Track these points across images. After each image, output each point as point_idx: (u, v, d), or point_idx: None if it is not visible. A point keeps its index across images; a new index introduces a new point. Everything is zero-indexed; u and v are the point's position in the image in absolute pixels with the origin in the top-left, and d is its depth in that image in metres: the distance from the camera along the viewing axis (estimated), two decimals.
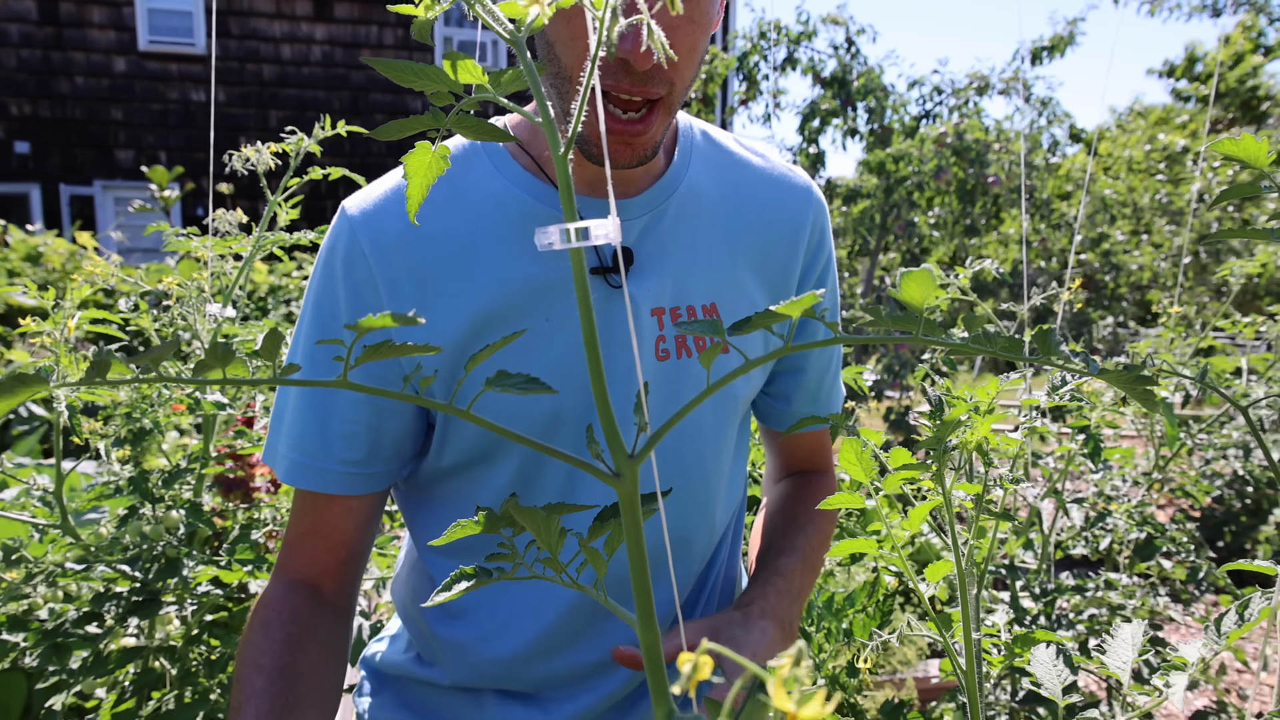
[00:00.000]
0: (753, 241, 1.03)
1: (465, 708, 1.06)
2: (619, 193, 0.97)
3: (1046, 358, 0.47)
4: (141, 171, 12.52)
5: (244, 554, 1.41)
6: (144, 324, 1.34)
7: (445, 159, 0.56)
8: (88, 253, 6.58)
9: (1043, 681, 0.65)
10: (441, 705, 1.08)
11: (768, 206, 1.04)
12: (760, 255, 1.03)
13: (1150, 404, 0.52)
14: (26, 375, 0.45)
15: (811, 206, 1.07)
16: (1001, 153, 5.71)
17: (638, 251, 0.97)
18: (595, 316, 0.91)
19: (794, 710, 0.27)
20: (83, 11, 12.33)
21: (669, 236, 0.99)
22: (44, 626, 1.32)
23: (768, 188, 1.06)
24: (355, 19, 13.38)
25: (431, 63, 9.93)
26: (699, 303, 0.99)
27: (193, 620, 1.55)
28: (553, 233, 0.46)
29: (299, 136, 1.41)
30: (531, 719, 1.02)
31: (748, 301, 1.02)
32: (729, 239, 1.02)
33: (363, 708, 1.16)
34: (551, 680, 1.03)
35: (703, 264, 1.00)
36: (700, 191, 1.01)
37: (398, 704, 1.13)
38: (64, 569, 1.27)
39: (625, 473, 0.48)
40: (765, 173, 1.07)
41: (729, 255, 1.01)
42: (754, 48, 6.79)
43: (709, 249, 1.00)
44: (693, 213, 1.00)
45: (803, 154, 6.65)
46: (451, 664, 1.05)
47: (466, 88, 0.53)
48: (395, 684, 1.15)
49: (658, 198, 0.98)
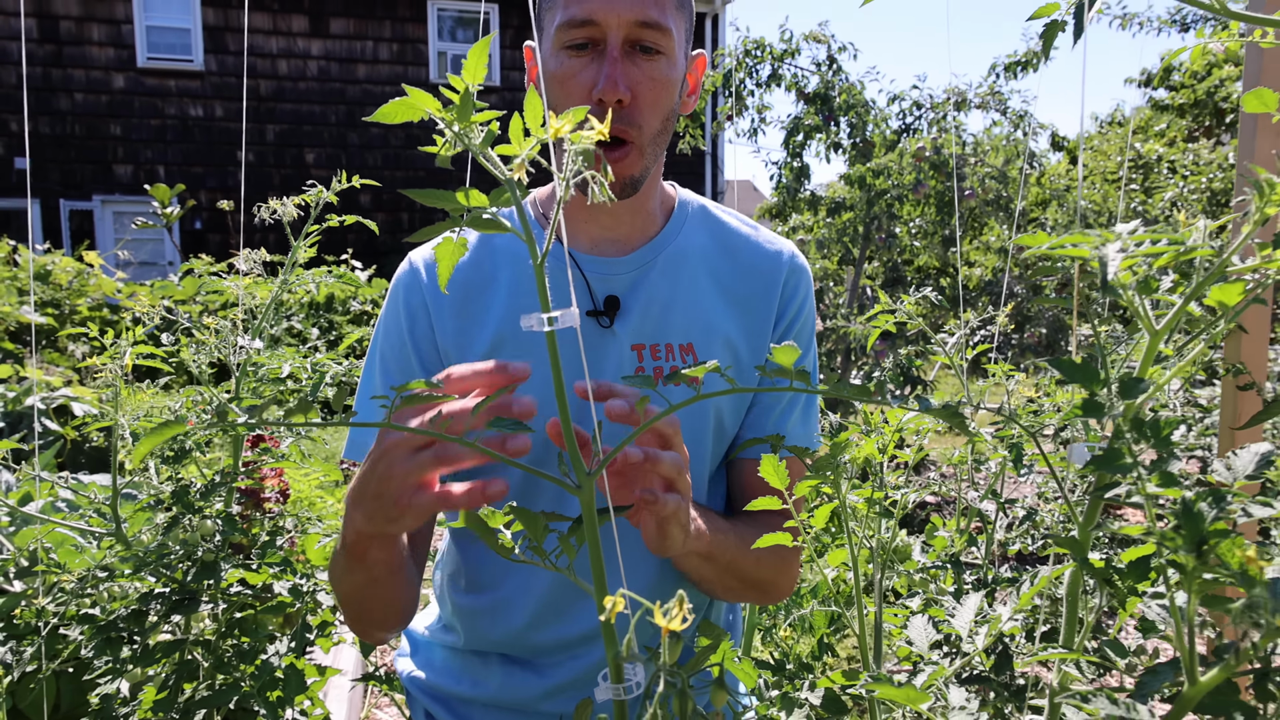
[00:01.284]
0: (728, 294, 1.25)
1: (476, 668, 1.30)
2: (614, 252, 1.22)
3: (879, 399, 0.67)
4: (139, 185, 12.71)
5: (273, 558, 1.60)
6: (185, 356, 1.53)
7: (465, 247, 0.76)
8: (94, 270, 6.76)
9: (914, 639, 0.86)
10: (457, 664, 1.34)
11: (751, 267, 1.27)
12: (735, 306, 1.25)
13: (965, 431, 0.72)
14: (169, 421, 0.64)
15: (784, 267, 1.29)
16: (977, 166, 5.93)
17: (625, 299, 1.21)
18: (587, 351, 1.13)
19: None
20: (83, 29, 12.53)
21: (654, 287, 1.22)
22: (99, 622, 1.51)
23: (751, 251, 1.29)
24: (351, 34, 13.60)
25: (426, 75, 10.13)
26: (676, 341, 1.21)
27: (223, 617, 1.74)
28: (533, 319, 0.66)
29: (319, 189, 1.61)
30: (528, 680, 1.24)
31: (723, 344, 1.23)
32: (708, 292, 1.24)
33: (400, 666, 1.45)
34: (545, 648, 1.24)
35: (683, 310, 1.22)
36: (689, 251, 1.25)
37: (425, 663, 1.40)
38: (120, 571, 1.46)
39: (584, 485, 0.68)
40: (750, 239, 1.30)
41: (707, 304, 1.23)
42: (739, 64, 6.99)
43: (691, 298, 1.23)
44: (678, 268, 1.24)
45: (787, 168, 6.85)
46: (466, 631, 1.29)
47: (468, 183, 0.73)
48: (425, 648, 1.42)
49: (646, 256, 1.23)
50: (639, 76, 1.10)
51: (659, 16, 1.09)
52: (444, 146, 0.73)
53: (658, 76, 1.11)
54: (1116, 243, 0.51)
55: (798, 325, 1.29)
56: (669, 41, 1.11)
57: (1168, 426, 0.58)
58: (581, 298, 1.20)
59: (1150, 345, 0.63)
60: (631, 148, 1.12)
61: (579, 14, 1.08)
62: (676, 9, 1.13)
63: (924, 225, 6.50)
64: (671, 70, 1.13)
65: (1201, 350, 0.65)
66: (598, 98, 1.07)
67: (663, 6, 1.10)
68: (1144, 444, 0.58)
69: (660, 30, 1.09)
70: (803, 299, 1.29)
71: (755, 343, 1.26)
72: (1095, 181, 7.85)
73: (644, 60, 1.10)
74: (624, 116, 1.09)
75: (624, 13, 1.07)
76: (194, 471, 1.67)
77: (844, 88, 6.53)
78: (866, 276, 7.63)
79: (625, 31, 1.08)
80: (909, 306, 1.81)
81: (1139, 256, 0.54)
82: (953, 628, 0.80)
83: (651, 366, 1.20)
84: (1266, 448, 0.63)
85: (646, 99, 1.11)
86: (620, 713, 0.65)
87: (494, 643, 1.27)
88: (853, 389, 0.70)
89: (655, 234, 1.25)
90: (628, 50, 1.10)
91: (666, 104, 1.14)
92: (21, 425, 4.54)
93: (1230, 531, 0.52)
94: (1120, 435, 0.58)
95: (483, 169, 1.21)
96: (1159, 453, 0.59)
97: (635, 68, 1.10)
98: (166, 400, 1.57)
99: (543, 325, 0.65)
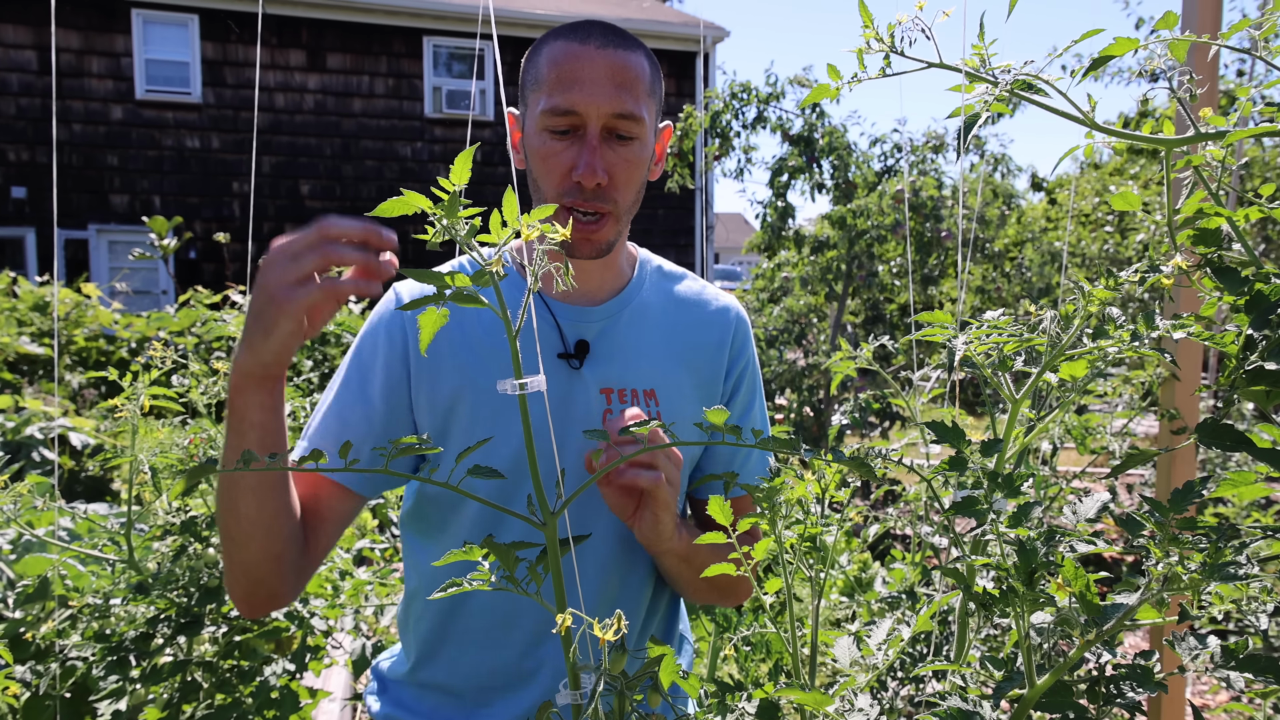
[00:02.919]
0: (685, 345, 1.41)
1: (446, 706, 1.38)
2: (585, 301, 1.37)
3: (794, 450, 0.80)
4: (135, 215, 12.85)
5: None
6: (194, 397, 1.66)
7: (446, 318, 0.89)
8: (91, 301, 6.87)
9: (839, 658, 0.99)
10: (427, 703, 1.40)
11: (699, 321, 1.43)
12: (692, 357, 1.41)
13: (871, 476, 0.85)
14: (202, 465, 0.77)
15: (732, 322, 1.45)
16: (954, 208, 6.12)
17: (594, 345, 1.35)
18: (558, 390, 1.28)
19: None
20: (82, 62, 12.72)
21: (621, 336, 1.36)
22: (111, 643, 1.63)
23: (699, 307, 1.45)
24: (347, 69, 13.82)
25: (420, 110, 10.29)
26: (640, 387, 1.36)
27: (223, 640, 1.86)
28: (507, 384, 0.80)
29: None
30: (499, 714, 1.34)
31: (679, 392, 1.38)
32: (667, 343, 1.39)
33: (371, 706, 1.49)
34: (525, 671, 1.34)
35: (646, 359, 1.37)
36: (649, 306, 1.41)
37: (395, 702, 1.45)
38: (131, 596, 1.58)
39: (549, 522, 0.81)
40: (699, 296, 1.46)
41: (667, 354, 1.39)
42: (725, 106, 7.18)
43: (653, 348, 1.38)
44: (640, 321, 1.39)
45: (771, 207, 7.02)
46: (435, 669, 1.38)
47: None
48: (394, 686, 1.48)
49: (614, 308, 1.38)
50: (614, 160, 1.25)
51: (633, 108, 1.24)
52: (434, 235, 0.87)
53: (631, 159, 1.27)
54: (963, 335, 0.65)
55: (747, 375, 1.46)
56: (641, 128, 1.27)
57: (1019, 479, 0.72)
58: (554, 340, 1.34)
59: (1012, 411, 0.76)
60: (607, 218, 1.28)
61: (563, 104, 1.22)
62: (648, 96, 1.29)
63: (904, 264, 6.68)
64: (643, 151, 1.29)
65: (1058, 413, 0.79)
66: (577, 180, 1.22)
67: (637, 98, 1.25)
68: (999, 493, 0.72)
69: (634, 120, 1.25)
70: (749, 351, 1.46)
71: (709, 392, 1.42)
72: (1071, 223, 8.06)
73: (619, 146, 1.26)
74: (601, 195, 1.25)
75: (603, 105, 1.22)
76: (200, 506, 1.79)
77: (827, 130, 6.73)
78: (849, 313, 7.80)
79: (604, 121, 1.23)
80: (867, 353, 1.96)
81: (991, 343, 0.67)
82: (868, 647, 0.93)
83: (619, 409, 1.33)
84: (1106, 496, 0.77)
85: (621, 179, 1.27)
86: (576, 714, 0.78)
87: (471, 676, 1.36)
88: (778, 442, 0.83)
89: (622, 288, 1.40)
90: (605, 136, 1.25)
91: (638, 180, 1.31)
92: (21, 455, 4.63)
93: (1055, 564, 0.66)
94: (979, 484, 0.71)
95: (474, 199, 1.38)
96: (1013, 500, 0.72)
97: (612, 152, 1.25)
98: (175, 436, 1.69)
99: (515, 390, 0.78)
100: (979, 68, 0.99)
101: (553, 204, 1.24)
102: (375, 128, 13.92)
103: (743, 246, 8.66)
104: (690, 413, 1.38)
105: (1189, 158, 0.98)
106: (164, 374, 1.68)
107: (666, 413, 1.35)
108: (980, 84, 0.97)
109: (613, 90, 1.23)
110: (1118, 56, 0.84)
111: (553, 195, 1.25)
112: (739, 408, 1.47)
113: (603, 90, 1.22)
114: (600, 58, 1.23)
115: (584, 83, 1.22)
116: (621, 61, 1.24)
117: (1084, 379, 0.77)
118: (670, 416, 1.35)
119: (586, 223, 1.26)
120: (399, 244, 1.03)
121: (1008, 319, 0.74)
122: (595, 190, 1.24)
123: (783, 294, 7.45)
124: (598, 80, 1.22)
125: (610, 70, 1.23)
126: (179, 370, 1.72)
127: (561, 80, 1.23)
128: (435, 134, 14.12)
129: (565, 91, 1.23)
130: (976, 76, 0.95)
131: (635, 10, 16.40)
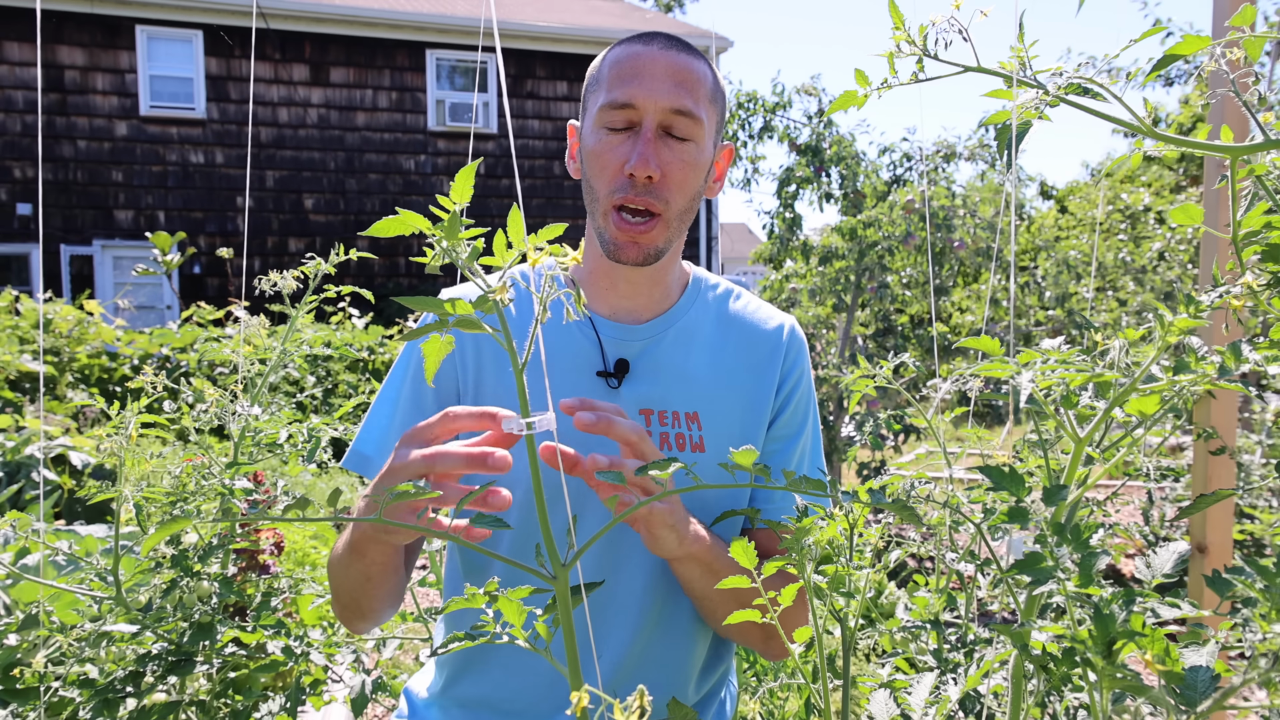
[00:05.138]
0: (733, 366, 1.34)
1: None
2: (630, 320, 1.32)
3: (831, 495, 0.72)
4: (140, 231, 12.83)
5: (267, 620, 1.64)
6: (186, 423, 1.59)
7: (451, 344, 0.82)
8: (94, 319, 6.82)
9: (875, 714, 0.90)
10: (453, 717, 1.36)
11: (749, 339, 1.37)
12: (740, 378, 1.33)
13: (915, 521, 0.77)
14: (179, 516, 0.70)
15: (785, 340, 1.38)
16: (966, 217, 6.04)
17: (635, 364, 1.29)
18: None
19: None
20: (87, 78, 12.72)
21: (664, 357, 1.30)
22: (97, 685, 1.55)
23: (752, 326, 1.38)
24: (350, 83, 13.81)
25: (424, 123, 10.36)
26: (682, 410, 1.29)
27: (218, 677, 1.78)
28: (513, 423, 0.72)
29: (316, 261, 1.67)
30: None
31: (724, 416, 1.31)
32: (714, 365, 1.33)
33: None
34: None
35: (691, 381, 1.30)
36: (697, 326, 1.34)
37: None
38: (118, 635, 1.50)
39: (560, 575, 0.73)
40: (753, 315, 1.39)
41: (713, 376, 1.32)
42: (732, 116, 7.12)
43: (698, 370, 1.31)
44: (689, 341, 1.33)
45: (779, 217, 6.95)
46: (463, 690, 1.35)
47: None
48: (424, 709, 1.45)
49: (659, 328, 1.32)
50: (669, 157, 1.20)
51: (692, 106, 1.19)
52: (434, 258, 0.79)
53: (687, 160, 1.21)
54: (1030, 372, 0.57)
55: (797, 394, 1.38)
56: (699, 129, 1.21)
57: (1087, 530, 0.64)
58: (594, 358, 1.28)
59: (1075, 452, 0.68)
60: (658, 220, 1.22)
61: (620, 97, 1.18)
62: (710, 101, 1.24)
63: (915, 275, 6.59)
64: (700, 155, 1.23)
65: (1125, 454, 0.71)
66: (629, 172, 1.18)
67: (697, 97, 1.21)
68: (1066, 546, 0.64)
69: (692, 119, 1.20)
70: (802, 369, 1.38)
71: (756, 413, 1.34)
72: (1083, 232, 7.97)
73: (675, 144, 1.20)
74: (653, 191, 1.20)
75: (661, 99, 1.18)
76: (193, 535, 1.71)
77: (835, 139, 6.66)
78: (859, 324, 7.72)
79: (660, 116, 1.19)
80: (887, 371, 1.87)
81: (1056, 379, 0.59)
82: (910, 705, 0.85)
83: (658, 432, 1.27)
84: (1184, 547, 0.69)
85: (675, 178, 1.21)
86: None
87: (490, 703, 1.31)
88: (809, 483, 0.75)
89: (670, 307, 1.34)
90: (661, 133, 1.20)
91: (693, 185, 1.24)
92: (20, 475, 4.57)
93: (1136, 633, 0.58)
94: (1043, 540, 0.63)
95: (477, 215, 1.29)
96: (1080, 554, 0.64)
97: (667, 149, 1.20)
98: (169, 463, 1.62)
99: (523, 429, 0.71)
100: (1018, 71, 0.92)
101: (606, 203, 1.21)
102: (379, 141, 13.89)
103: (748, 257, 8.58)
104: (735, 439, 1.31)
105: (1251, 167, 0.91)
106: (155, 400, 1.61)
107: (709, 437, 1.29)
108: (1020, 89, 0.89)
109: (671, 86, 1.19)
110: (1185, 57, 0.76)
111: (604, 193, 1.22)
112: (788, 429, 1.38)
113: (661, 85, 1.19)
114: (661, 56, 1.20)
115: (643, 77, 1.19)
116: (683, 64, 1.21)
117: (1154, 415, 0.69)
118: (713, 441, 1.29)
119: (635, 224, 1.21)
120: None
121: (1072, 350, 0.66)
122: (647, 184, 1.19)
123: (791, 305, 7.36)
124: (656, 75, 1.19)
125: (670, 68, 1.20)
126: (172, 396, 1.65)
127: (621, 77, 1.20)
128: (439, 147, 14.08)
129: (624, 86, 1.19)
130: (1022, 81, 0.88)
131: (639, 21, 16.39)
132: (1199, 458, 2.06)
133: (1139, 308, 7.15)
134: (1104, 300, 7.33)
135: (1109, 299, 7.26)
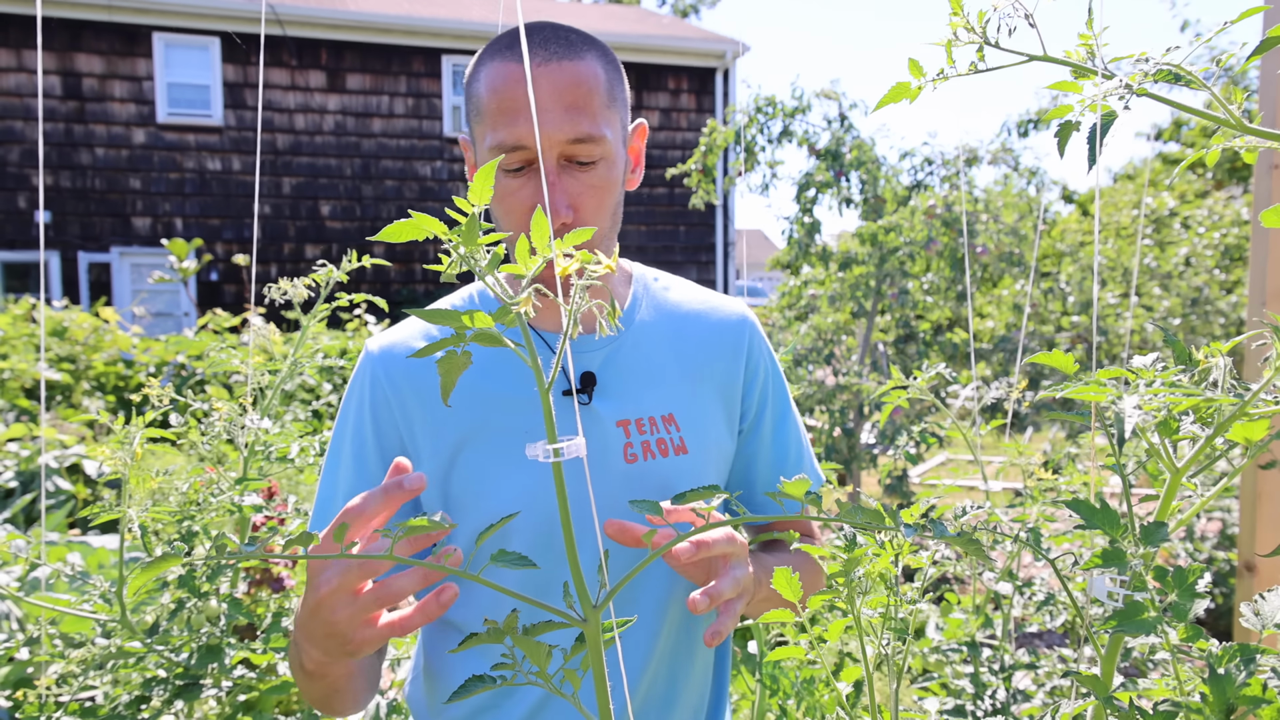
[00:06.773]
0: (698, 359, 1.25)
1: None
2: (585, 329, 1.22)
3: (878, 524, 0.65)
4: (157, 238, 12.87)
5: (278, 642, 1.58)
6: (194, 437, 1.53)
7: (470, 359, 0.75)
8: (110, 326, 6.81)
9: None
10: None
11: (708, 331, 1.28)
12: (707, 371, 1.25)
13: (983, 558, 0.70)
14: (165, 555, 0.63)
15: (745, 329, 1.30)
16: (989, 223, 5.94)
17: (601, 375, 1.19)
18: (570, 431, 1.12)
19: None
20: (105, 86, 12.77)
21: (627, 362, 1.21)
22: (100, 712, 1.49)
23: (705, 316, 1.29)
24: (367, 89, 13.81)
25: (440, 129, 10.40)
26: (658, 413, 1.20)
27: (227, 700, 1.71)
28: (539, 449, 0.65)
29: (329, 269, 1.61)
30: None
31: (700, 411, 1.23)
32: (678, 360, 1.24)
33: None
34: None
35: (658, 382, 1.21)
36: (651, 325, 1.25)
37: None
38: (124, 660, 1.44)
39: (590, 619, 0.66)
40: (703, 305, 1.31)
41: (680, 373, 1.23)
42: (751, 121, 7.05)
43: (663, 369, 1.22)
44: (646, 342, 1.23)
45: (799, 222, 6.87)
46: None
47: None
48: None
49: (616, 333, 1.20)
50: (578, 189, 1.08)
51: (590, 128, 1.06)
52: (450, 265, 0.72)
53: (598, 184, 1.09)
54: (1134, 397, 0.50)
55: (770, 384, 1.32)
56: (605, 147, 1.08)
57: (1192, 574, 0.56)
58: (557, 378, 1.19)
59: (1171, 484, 0.61)
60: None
61: (509, 139, 1.04)
62: (607, 107, 1.10)
63: (937, 281, 6.49)
64: (611, 170, 1.11)
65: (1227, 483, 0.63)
66: None
67: (594, 115, 1.07)
68: (1172, 593, 0.56)
69: (594, 141, 1.06)
70: (764, 349, 1.32)
71: (729, 404, 1.27)
72: (1108, 236, 7.85)
73: (581, 173, 1.08)
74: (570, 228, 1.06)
75: (555, 132, 1.04)
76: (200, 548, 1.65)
77: (855, 144, 6.57)
78: (879, 330, 7.62)
79: (559, 149, 1.06)
80: (922, 383, 1.79)
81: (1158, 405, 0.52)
82: None
83: (639, 441, 1.18)
84: None
85: (589, 208, 1.09)
86: None
87: None
88: (866, 513, 0.68)
89: (620, 310, 1.25)
90: (564, 165, 1.07)
91: (610, 203, 1.13)
92: (34, 484, 4.53)
93: (1262, 700, 0.50)
94: (1142, 586, 0.55)
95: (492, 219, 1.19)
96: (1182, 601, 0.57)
97: (574, 180, 1.08)
98: (177, 479, 1.56)
99: (549, 456, 0.63)
100: (1086, 60, 0.84)
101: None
102: (395, 147, 13.89)
103: (765, 263, 8.50)
104: (715, 434, 1.24)
105: None
106: (163, 413, 1.55)
107: (689, 437, 1.20)
108: (1085, 80, 0.82)
109: (562, 113, 1.04)
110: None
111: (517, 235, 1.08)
112: (771, 423, 1.31)
113: (551, 116, 1.04)
114: (544, 78, 1.04)
115: (528, 110, 1.03)
116: (569, 78, 1.06)
117: (1261, 442, 0.61)
118: (694, 440, 1.20)
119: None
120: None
121: (1171, 370, 0.59)
122: (561, 230, 1.05)
123: (810, 311, 7.27)
124: (544, 106, 1.04)
125: (556, 91, 1.04)
126: (180, 410, 1.59)
127: (503, 110, 1.05)
128: (455, 153, 14.06)
129: (510, 125, 1.04)
130: (1088, 70, 0.80)
131: (655, 26, 16.34)
132: (1247, 471, 1.97)
133: (1164, 313, 7.03)
134: (1127, 306, 7.21)
135: (1134, 305, 7.14)
